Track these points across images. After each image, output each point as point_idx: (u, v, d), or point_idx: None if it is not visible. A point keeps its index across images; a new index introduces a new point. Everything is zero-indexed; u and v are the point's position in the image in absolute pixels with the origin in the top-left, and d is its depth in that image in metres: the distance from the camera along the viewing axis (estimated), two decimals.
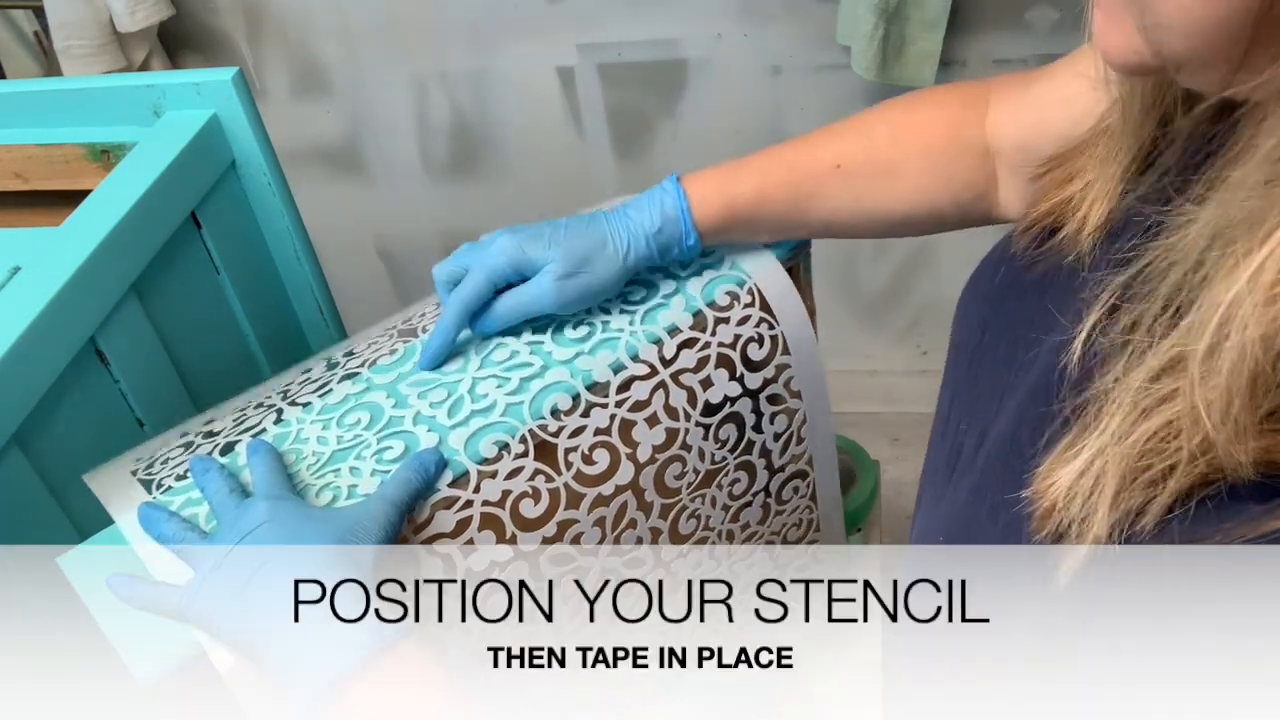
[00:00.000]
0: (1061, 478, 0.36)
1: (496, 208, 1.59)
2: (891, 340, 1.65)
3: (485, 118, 1.51)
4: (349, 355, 0.63)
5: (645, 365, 0.59)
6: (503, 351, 0.59)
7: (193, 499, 0.53)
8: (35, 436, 0.62)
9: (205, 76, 0.78)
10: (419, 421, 0.56)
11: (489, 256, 0.59)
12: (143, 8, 1.34)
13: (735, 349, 0.61)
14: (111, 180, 0.73)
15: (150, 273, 0.73)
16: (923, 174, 0.60)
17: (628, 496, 0.59)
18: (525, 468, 0.55)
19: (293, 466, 0.54)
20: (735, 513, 0.64)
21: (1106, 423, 0.35)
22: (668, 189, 0.60)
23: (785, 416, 0.64)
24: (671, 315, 0.60)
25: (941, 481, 0.49)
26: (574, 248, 0.58)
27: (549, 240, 0.58)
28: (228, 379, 0.83)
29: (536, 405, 0.56)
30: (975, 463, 0.45)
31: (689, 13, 1.36)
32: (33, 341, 0.61)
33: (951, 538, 0.44)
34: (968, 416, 0.48)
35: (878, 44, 1.26)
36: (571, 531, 0.57)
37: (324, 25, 1.45)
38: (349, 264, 1.69)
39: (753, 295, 0.61)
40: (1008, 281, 0.50)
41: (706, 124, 1.45)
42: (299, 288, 0.90)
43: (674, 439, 0.60)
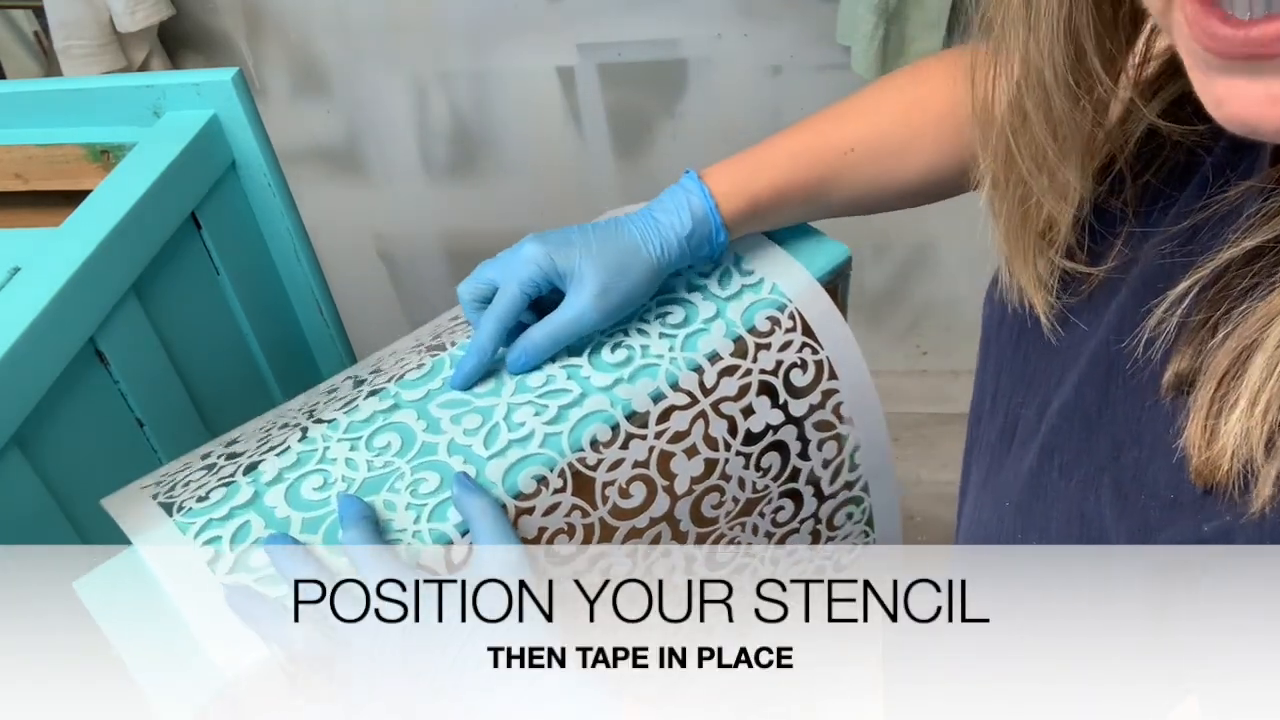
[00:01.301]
0: (1229, 431, 0.33)
1: (496, 208, 1.59)
2: (891, 340, 1.65)
3: (485, 118, 1.51)
4: (375, 372, 0.61)
5: (685, 394, 0.57)
6: (538, 375, 0.57)
7: (215, 519, 0.52)
8: (35, 436, 0.62)
9: (205, 77, 0.78)
10: (454, 450, 0.54)
11: (519, 266, 0.57)
12: (143, 8, 1.34)
13: (777, 375, 0.59)
14: (111, 180, 0.73)
15: (150, 273, 0.73)
16: (938, 145, 0.60)
17: (662, 528, 0.57)
18: (562, 503, 0.54)
19: (321, 491, 0.53)
20: (781, 539, 0.63)
21: (1262, 346, 0.32)
22: (691, 189, 0.59)
23: (835, 443, 0.62)
24: (712, 341, 0.59)
25: (998, 456, 0.48)
26: (608, 258, 0.56)
27: (580, 249, 0.56)
28: (228, 379, 0.83)
29: (576, 436, 0.55)
30: (1040, 429, 0.45)
31: (689, 13, 1.36)
32: (33, 341, 0.61)
33: (1019, 504, 0.44)
34: (1024, 390, 0.48)
35: (878, 44, 1.27)
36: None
37: (324, 25, 1.45)
38: (349, 264, 1.69)
39: (794, 320, 0.60)
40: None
41: (706, 124, 1.45)
42: (299, 288, 0.90)
43: (713, 469, 0.58)
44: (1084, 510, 0.39)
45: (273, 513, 0.52)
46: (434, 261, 1.69)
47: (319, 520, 0.51)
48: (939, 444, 1.66)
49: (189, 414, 0.78)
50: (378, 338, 0.69)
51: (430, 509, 0.52)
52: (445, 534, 0.51)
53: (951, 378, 1.69)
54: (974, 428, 0.53)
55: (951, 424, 1.67)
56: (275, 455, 0.55)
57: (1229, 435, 0.33)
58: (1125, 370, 0.40)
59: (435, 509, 0.52)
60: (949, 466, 1.63)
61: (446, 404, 0.57)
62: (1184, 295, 0.38)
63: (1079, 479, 0.40)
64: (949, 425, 1.67)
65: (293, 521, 0.51)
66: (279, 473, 0.54)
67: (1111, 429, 0.40)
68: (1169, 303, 0.38)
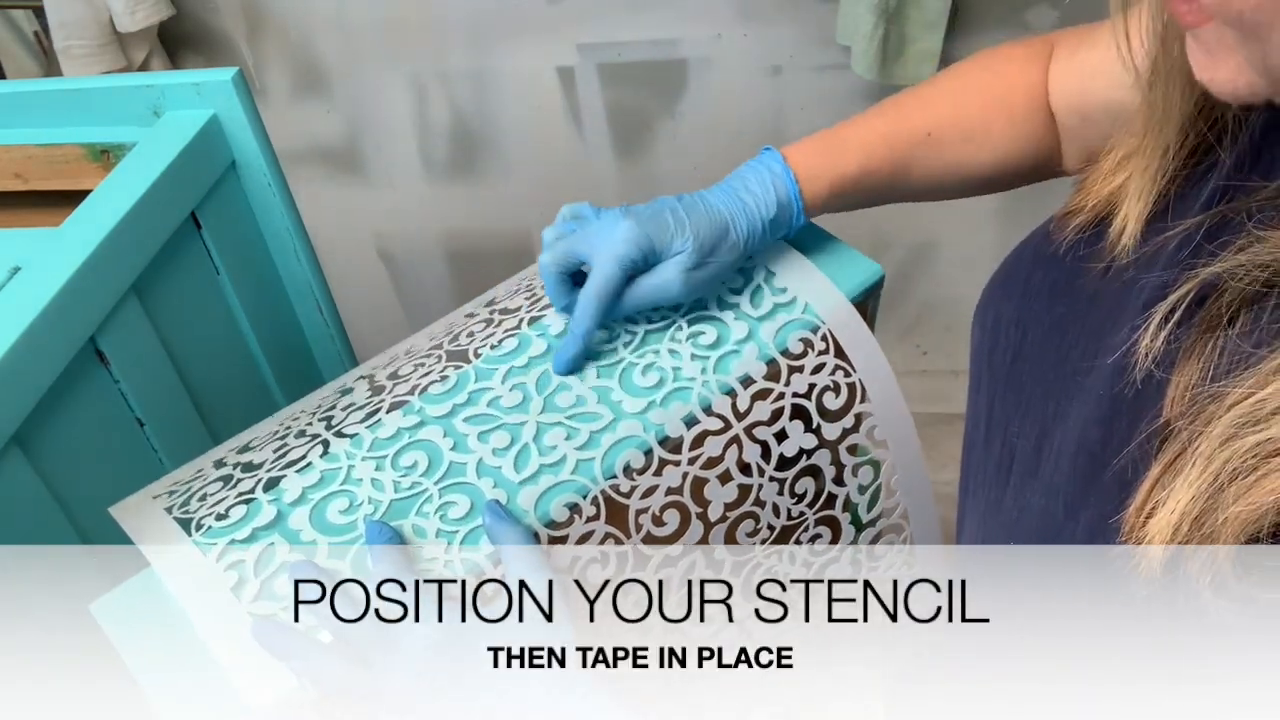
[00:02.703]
0: (1157, 527, 0.35)
1: (496, 208, 1.59)
2: (891, 340, 1.65)
3: (485, 118, 1.51)
4: (394, 378, 0.59)
5: (718, 419, 0.56)
6: (567, 395, 0.56)
7: (237, 540, 0.50)
8: (35, 436, 0.62)
9: (205, 76, 0.78)
10: (483, 472, 0.53)
11: (618, 244, 0.56)
12: (143, 8, 1.34)
13: (810, 399, 0.58)
14: (111, 180, 0.73)
15: (150, 273, 0.73)
16: (1007, 135, 0.61)
17: (696, 556, 0.56)
18: (596, 531, 0.53)
19: (347, 514, 0.51)
20: (820, 569, 0.61)
21: (1198, 455, 0.34)
22: (776, 170, 0.59)
23: (870, 468, 0.61)
24: (745, 364, 0.58)
25: (996, 488, 0.47)
26: (704, 239, 0.57)
27: (675, 228, 0.57)
28: (228, 379, 0.83)
29: (609, 463, 0.53)
30: (1040, 468, 0.44)
31: (689, 13, 1.36)
32: (33, 341, 0.61)
33: (1026, 544, 0.43)
34: (1018, 419, 0.47)
35: (878, 44, 1.27)
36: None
37: (324, 25, 1.45)
38: (349, 264, 1.69)
39: (827, 341, 0.59)
40: (1052, 280, 0.49)
41: (706, 124, 1.45)
42: (299, 288, 0.90)
43: (747, 495, 0.57)
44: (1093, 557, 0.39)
45: (298, 536, 0.50)
46: (434, 261, 1.69)
47: (346, 546, 0.50)
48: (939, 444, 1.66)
49: (189, 414, 0.78)
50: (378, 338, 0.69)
51: (461, 536, 0.50)
52: (478, 564, 0.50)
53: (951, 378, 1.69)
54: (968, 456, 0.53)
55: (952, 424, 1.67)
56: (297, 472, 0.53)
57: (1155, 530, 0.35)
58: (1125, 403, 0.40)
59: (467, 536, 0.51)
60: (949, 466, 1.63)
61: (473, 419, 0.55)
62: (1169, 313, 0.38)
63: (1085, 520, 0.40)
64: (949, 425, 1.67)
65: (319, 546, 0.50)
66: (302, 492, 0.52)
67: (1116, 467, 0.39)
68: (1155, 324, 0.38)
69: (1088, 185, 0.48)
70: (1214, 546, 0.33)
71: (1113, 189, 0.46)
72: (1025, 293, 0.51)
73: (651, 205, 0.58)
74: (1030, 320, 0.49)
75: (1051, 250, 0.49)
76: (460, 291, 1.72)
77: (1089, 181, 0.48)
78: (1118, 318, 0.42)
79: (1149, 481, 0.36)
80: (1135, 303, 0.42)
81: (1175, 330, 0.38)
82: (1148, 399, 0.38)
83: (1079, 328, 0.45)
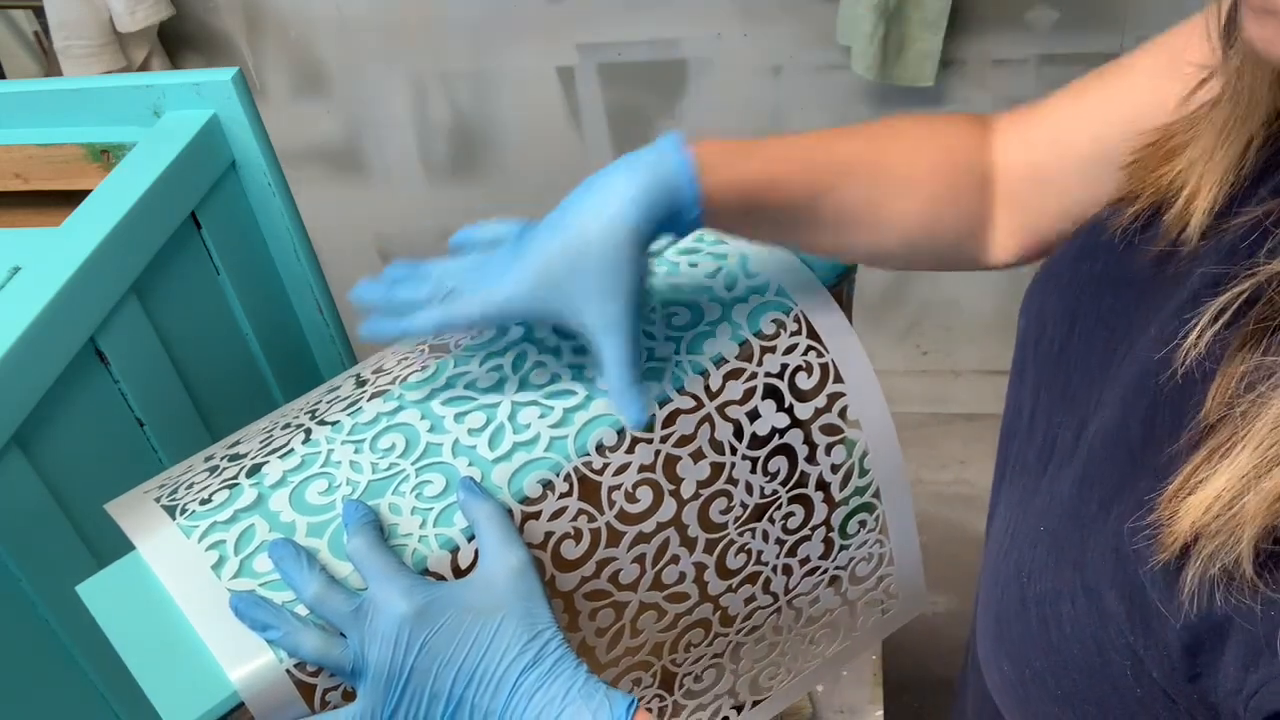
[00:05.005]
0: (1191, 506, 0.35)
1: (496, 208, 1.59)
2: (891, 340, 1.65)
3: (485, 118, 1.51)
4: (378, 372, 0.60)
5: (691, 398, 0.57)
6: (542, 373, 0.57)
7: (219, 521, 0.51)
8: (35, 436, 0.62)
9: (205, 76, 0.78)
10: (459, 452, 0.54)
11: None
12: (143, 8, 1.34)
13: (783, 379, 0.59)
14: (111, 180, 0.73)
15: (150, 273, 0.73)
16: (932, 190, 0.56)
17: (670, 533, 0.57)
18: (569, 508, 0.54)
19: (326, 495, 0.52)
20: (792, 547, 0.62)
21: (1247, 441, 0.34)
22: (665, 150, 0.50)
23: (844, 448, 0.61)
24: (717, 344, 0.58)
25: (1033, 477, 0.47)
26: (536, 243, 0.53)
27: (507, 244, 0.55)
28: (228, 379, 0.83)
29: (582, 440, 0.54)
30: (1076, 455, 0.44)
31: (689, 13, 1.36)
32: (33, 341, 0.61)
33: (1055, 531, 0.43)
34: (1062, 410, 0.47)
35: (878, 44, 1.27)
36: (610, 569, 0.56)
37: (324, 25, 1.45)
38: (349, 264, 1.68)
39: (799, 323, 0.60)
40: (1102, 269, 0.48)
41: (706, 124, 1.45)
42: (299, 288, 0.90)
43: (719, 473, 0.58)
44: (1119, 548, 0.39)
45: (277, 517, 0.52)
46: None
47: (324, 525, 0.51)
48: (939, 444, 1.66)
49: (189, 414, 0.78)
50: None
51: (436, 514, 0.52)
52: (451, 539, 0.51)
53: (951, 378, 1.69)
54: (1007, 444, 0.52)
55: (951, 424, 1.67)
56: (279, 458, 0.55)
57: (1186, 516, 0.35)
58: (1167, 396, 0.40)
59: (441, 514, 0.52)
60: (949, 467, 1.63)
61: (450, 401, 0.56)
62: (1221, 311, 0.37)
63: (1118, 514, 0.39)
64: (949, 425, 1.67)
65: (298, 526, 0.51)
66: (283, 475, 0.54)
67: (1154, 464, 0.39)
68: (1206, 318, 0.38)
69: (1142, 173, 0.47)
70: (1235, 529, 0.33)
71: (1172, 177, 0.45)
72: (1073, 282, 0.50)
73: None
74: (1078, 311, 0.49)
75: (1104, 239, 0.49)
76: None
77: (1143, 169, 0.48)
78: (1167, 310, 0.42)
79: (1190, 466, 0.36)
80: (1186, 296, 0.42)
81: (1224, 329, 0.37)
82: (1191, 395, 0.38)
83: (1126, 319, 0.45)
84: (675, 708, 0.65)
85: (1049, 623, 0.41)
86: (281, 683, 0.47)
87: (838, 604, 0.67)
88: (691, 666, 0.64)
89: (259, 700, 0.47)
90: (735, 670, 0.66)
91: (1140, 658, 0.37)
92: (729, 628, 0.63)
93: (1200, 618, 0.35)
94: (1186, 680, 0.36)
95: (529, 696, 0.46)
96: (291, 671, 0.47)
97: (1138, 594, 0.37)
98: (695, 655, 0.63)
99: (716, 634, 0.63)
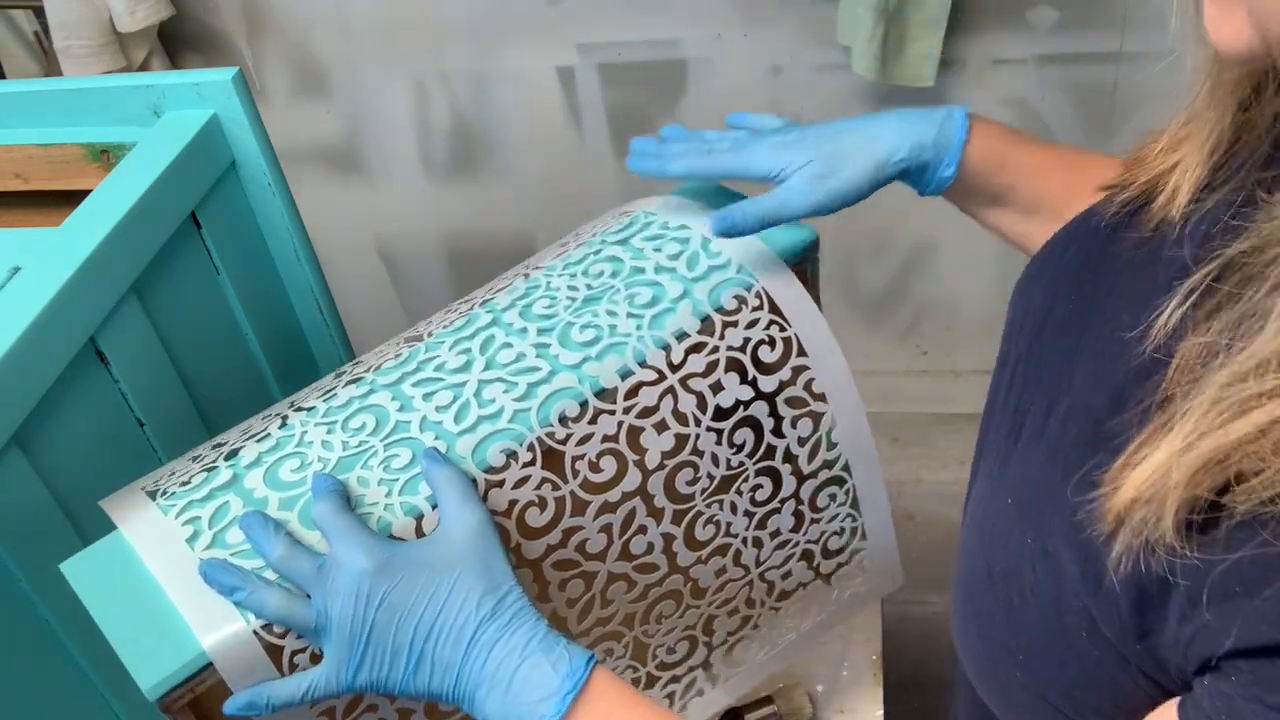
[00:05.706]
0: (1132, 479, 0.37)
1: (496, 208, 1.59)
2: (891, 340, 1.65)
3: (485, 118, 1.51)
4: (357, 364, 0.62)
5: (653, 371, 0.58)
6: (508, 353, 0.59)
7: (195, 500, 0.53)
8: (35, 436, 0.62)
9: (205, 76, 0.78)
10: (425, 427, 0.55)
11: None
12: (143, 8, 1.34)
13: (745, 352, 0.60)
14: (111, 180, 0.73)
15: (150, 273, 0.73)
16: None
17: (635, 503, 0.58)
18: (532, 476, 0.55)
19: (298, 472, 0.54)
20: (761, 520, 0.63)
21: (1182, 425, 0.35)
22: (954, 113, 0.59)
23: (810, 420, 0.62)
24: (679, 320, 0.60)
25: (1005, 448, 0.49)
26: (825, 147, 0.59)
27: (799, 141, 0.60)
28: (228, 379, 0.83)
29: (544, 412, 0.56)
30: (1046, 429, 0.46)
31: (689, 13, 1.36)
32: (33, 341, 0.61)
33: (1022, 502, 0.44)
34: (1034, 385, 0.49)
35: (878, 44, 1.27)
36: (576, 538, 0.57)
37: (324, 25, 1.45)
38: (349, 264, 1.69)
39: (760, 298, 0.61)
40: (1085, 254, 0.50)
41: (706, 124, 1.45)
42: (299, 288, 0.90)
43: (684, 444, 0.59)
44: (1075, 514, 0.40)
45: (251, 494, 0.54)
46: (434, 261, 1.69)
47: (295, 499, 0.53)
48: (939, 444, 1.66)
49: (189, 414, 0.78)
50: (378, 338, 0.69)
51: (402, 484, 0.53)
52: (416, 506, 0.53)
53: (951, 378, 1.69)
54: (986, 421, 0.54)
55: (951, 424, 1.67)
56: (255, 441, 0.57)
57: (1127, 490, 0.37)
58: (1135, 375, 0.41)
59: (407, 484, 0.53)
60: (949, 466, 1.63)
61: (419, 383, 0.58)
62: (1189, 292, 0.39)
63: (1076, 484, 0.41)
64: (949, 425, 1.67)
65: (270, 501, 0.53)
66: (258, 456, 0.56)
67: (1116, 439, 0.40)
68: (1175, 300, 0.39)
69: (1141, 161, 0.49)
70: (1161, 500, 0.35)
71: (1167, 166, 0.47)
72: (1058, 268, 0.52)
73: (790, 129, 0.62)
74: (1058, 294, 0.51)
75: (1092, 224, 0.50)
76: (460, 292, 1.71)
77: (1143, 158, 0.49)
78: (1141, 292, 0.43)
79: (1136, 443, 0.38)
80: (1161, 278, 0.43)
81: (1192, 310, 0.39)
82: (1155, 374, 0.39)
83: (1102, 302, 0.47)
84: (649, 679, 0.65)
85: (1011, 589, 0.43)
86: (249, 644, 0.49)
87: (810, 578, 0.68)
88: (664, 638, 0.64)
89: (227, 661, 0.48)
90: (709, 643, 0.67)
91: (1094, 618, 0.39)
92: (700, 600, 0.64)
93: (1137, 581, 0.37)
94: (1137, 639, 0.38)
95: (489, 648, 0.47)
96: (259, 633, 0.49)
97: (1091, 557, 0.39)
98: (667, 627, 0.64)
99: (688, 606, 0.64)
